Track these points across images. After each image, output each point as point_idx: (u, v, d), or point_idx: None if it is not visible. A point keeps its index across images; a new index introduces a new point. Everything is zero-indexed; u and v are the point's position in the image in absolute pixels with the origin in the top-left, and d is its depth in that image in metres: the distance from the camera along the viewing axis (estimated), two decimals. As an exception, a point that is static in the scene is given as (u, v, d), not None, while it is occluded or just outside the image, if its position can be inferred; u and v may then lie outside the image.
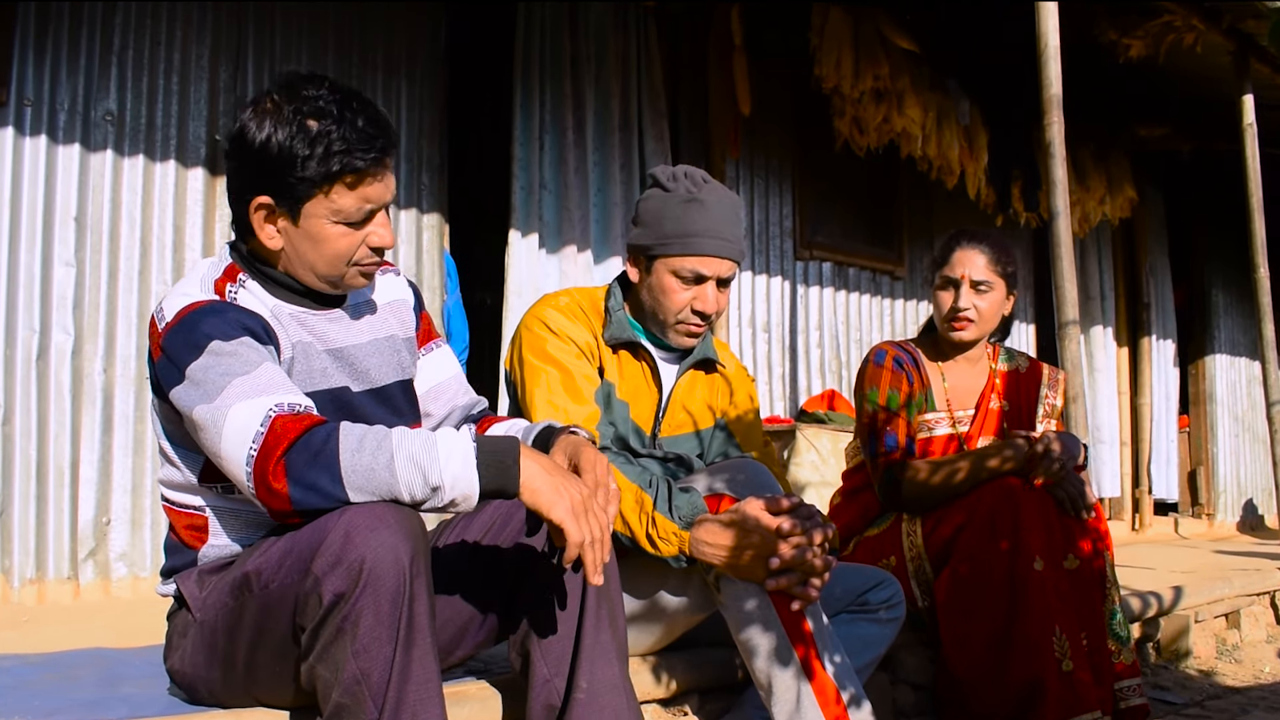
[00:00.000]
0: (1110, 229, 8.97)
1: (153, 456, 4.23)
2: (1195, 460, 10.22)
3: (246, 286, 1.92)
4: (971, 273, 3.04)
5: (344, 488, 1.65)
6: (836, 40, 5.84)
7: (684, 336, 2.53)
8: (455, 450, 1.68)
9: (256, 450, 1.68)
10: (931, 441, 3.10)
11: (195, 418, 1.75)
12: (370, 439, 1.68)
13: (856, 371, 3.21)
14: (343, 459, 1.65)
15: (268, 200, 1.86)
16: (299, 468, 1.65)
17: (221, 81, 4.49)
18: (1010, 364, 3.22)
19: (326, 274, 1.93)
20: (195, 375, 1.76)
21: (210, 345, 1.77)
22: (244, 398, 1.72)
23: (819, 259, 6.85)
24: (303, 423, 1.69)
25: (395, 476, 1.65)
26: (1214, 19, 6.10)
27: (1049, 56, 4.69)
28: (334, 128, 1.83)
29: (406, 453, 1.66)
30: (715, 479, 2.38)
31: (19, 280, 4.01)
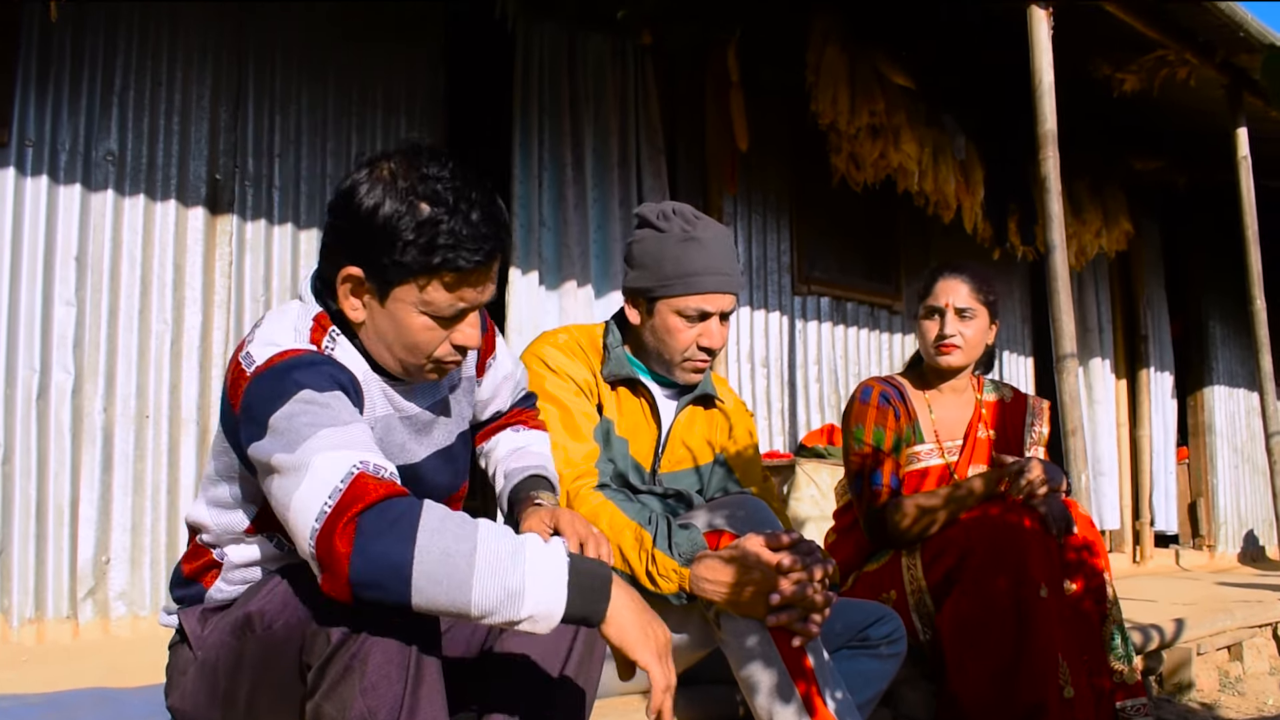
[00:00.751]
0: (1107, 261, 9.01)
1: (152, 495, 4.23)
2: (1195, 492, 10.21)
3: (338, 343, 1.81)
4: (955, 300, 3.11)
5: (412, 569, 1.50)
6: (833, 77, 5.88)
7: (691, 373, 2.54)
8: (547, 565, 1.55)
9: (331, 505, 1.53)
10: (922, 473, 3.13)
11: (272, 463, 1.61)
12: (453, 523, 1.54)
13: (843, 409, 3.24)
14: (420, 536, 1.51)
15: (358, 273, 1.74)
16: (369, 533, 1.51)
17: (222, 121, 4.52)
18: (996, 394, 3.27)
19: (402, 360, 1.81)
20: (279, 424, 1.62)
21: (300, 394, 1.64)
22: (330, 449, 1.58)
23: (817, 294, 6.87)
24: (387, 488, 1.55)
25: (472, 572, 1.51)
26: (1207, 53, 6.15)
27: (1043, 93, 4.73)
28: (445, 218, 1.70)
29: (492, 550, 1.53)
30: (715, 515, 2.39)
31: (19, 319, 4.03)
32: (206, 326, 4.41)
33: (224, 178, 4.50)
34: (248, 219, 4.54)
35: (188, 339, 4.37)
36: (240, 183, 4.55)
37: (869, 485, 3.04)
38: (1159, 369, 9.65)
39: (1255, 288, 6.28)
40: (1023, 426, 3.24)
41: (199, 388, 4.37)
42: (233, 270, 4.49)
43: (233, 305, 4.47)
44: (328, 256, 1.80)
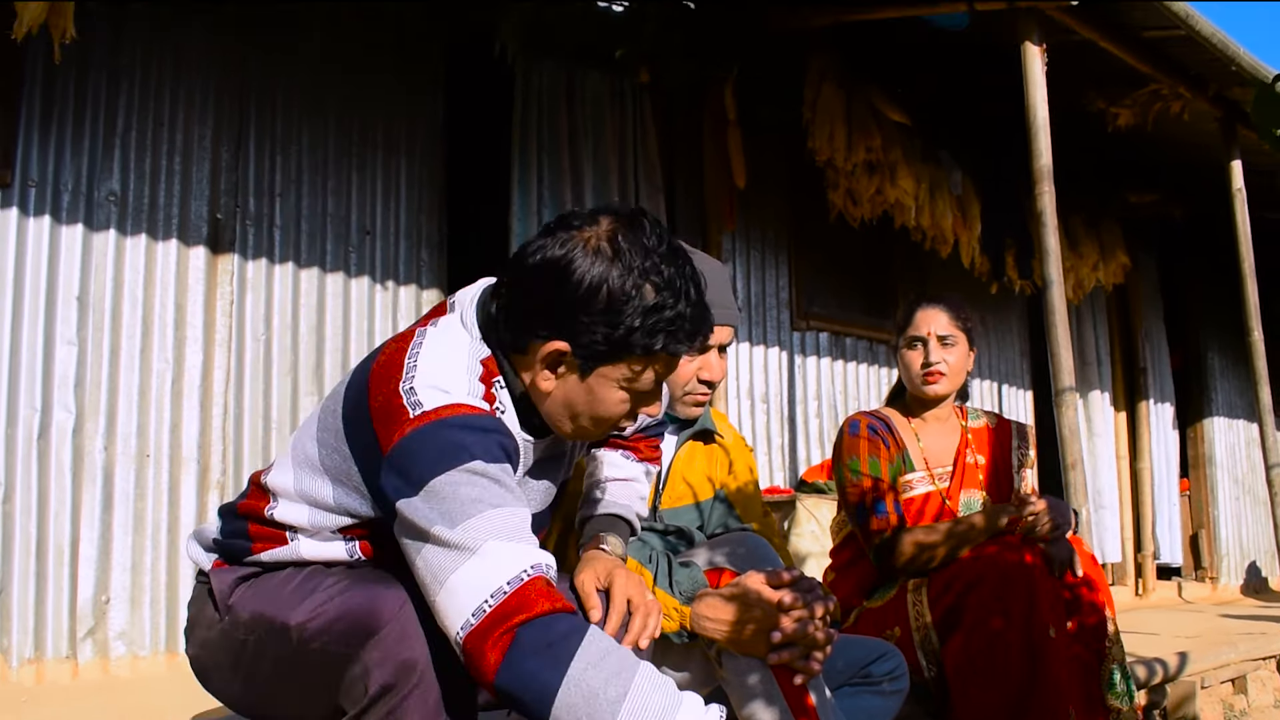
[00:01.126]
0: (1105, 295, 9.03)
1: (152, 534, 4.23)
2: (1197, 523, 10.19)
3: (501, 396, 1.72)
4: (936, 328, 3.17)
5: (556, 697, 1.46)
6: (829, 114, 5.93)
7: (691, 407, 2.55)
8: (696, 712, 1.51)
9: (492, 607, 1.48)
10: (915, 502, 3.15)
11: (429, 531, 1.53)
12: (613, 660, 1.50)
13: (833, 445, 3.27)
14: (574, 666, 1.47)
15: (563, 348, 1.65)
16: (526, 649, 1.46)
17: (223, 161, 4.55)
18: (978, 421, 3.33)
19: (582, 428, 1.75)
20: (441, 490, 1.53)
21: (470, 464, 1.54)
22: (500, 538, 1.51)
23: (816, 329, 6.89)
24: (553, 601, 1.51)
25: (617, 710, 1.46)
26: (1200, 87, 6.20)
27: (1038, 128, 4.78)
28: (672, 305, 1.65)
29: (640, 704, 1.48)
30: (716, 553, 2.39)
31: (21, 359, 4.04)
32: (207, 366, 4.42)
33: (225, 217, 4.53)
34: (249, 258, 4.57)
35: (189, 378, 4.38)
36: (241, 222, 4.57)
37: (874, 516, 3.05)
38: (1159, 401, 9.66)
39: (1252, 319, 6.31)
40: (1010, 451, 3.28)
41: (200, 427, 4.38)
42: (234, 309, 4.51)
43: (234, 344, 4.48)
44: (525, 325, 1.69)
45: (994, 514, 3.00)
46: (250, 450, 4.45)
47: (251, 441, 4.46)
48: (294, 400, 4.59)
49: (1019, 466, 3.27)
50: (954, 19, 5.32)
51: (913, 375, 3.20)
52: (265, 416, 4.52)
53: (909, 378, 3.22)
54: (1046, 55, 4.90)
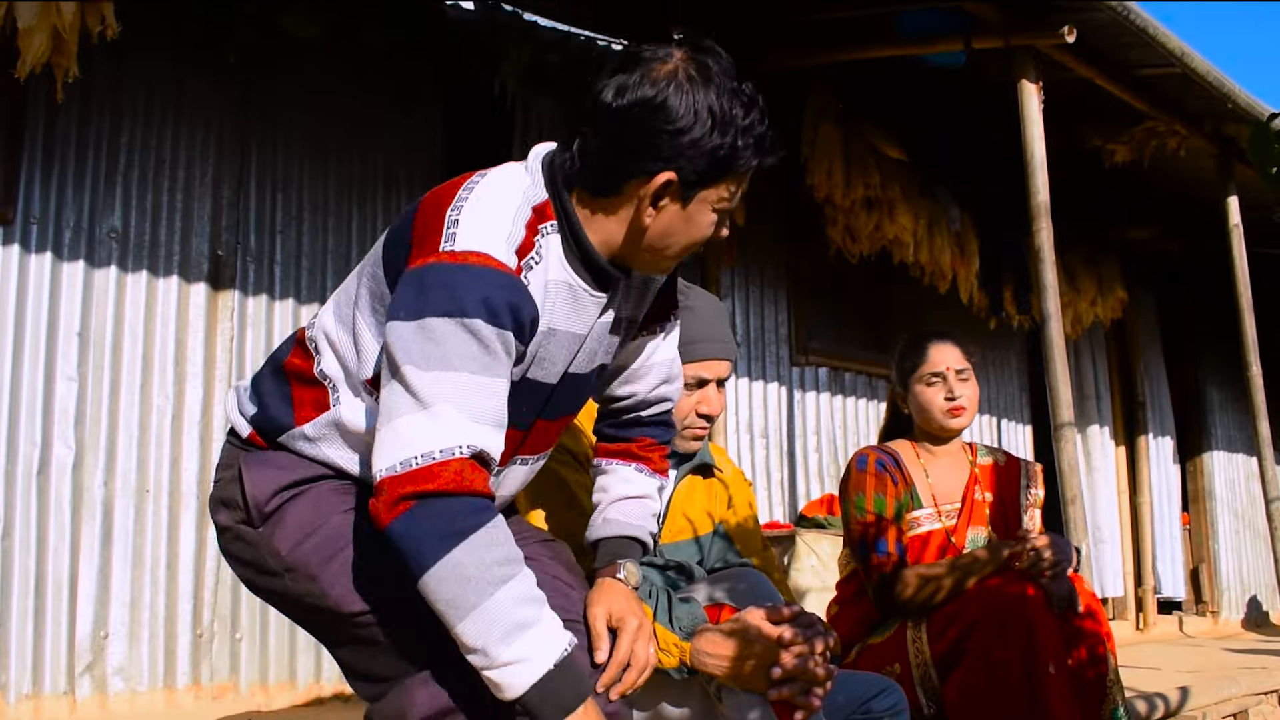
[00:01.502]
0: (1103, 329, 9.05)
1: (151, 570, 4.22)
2: (1197, 558, 10.18)
3: (545, 244, 1.72)
4: (953, 363, 3.15)
5: (430, 570, 1.54)
6: (828, 151, 5.97)
7: (690, 440, 2.56)
8: (531, 656, 1.57)
9: (418, 465, 1.56)
10: (922, 538, 3.13)
11: (400, 364, 1.58)
12: (494, 559, 1.56)
13: (840, 479, 3.26)
14: (458, 551, 1.54)
15: (671, 178, 1.68)
16: (427, 516, 1.54)
17: (225, 198, 4.57)
18: (987, 459, 3.29)
19: (664, 258, 1.78)
20: (433, 329, 1.58)
21: (472, 321, 1.58)
22: (456, 405, 1.58)
23: (815, 364, 6.90)
24: (476, 485, 1.57)
25: (472, 611, 1.54)
26: (1196, 124, 6.25)
27: (1035, 165, 4.81)
28: (759, 121, 1.73)
29: (500, 609, 1.55)
30: (716, 588, 2.39)
31: (21, 395, 4.05)
32: (207, 401, 4.43)
33: (226, 254, 4.55)
34: (249, 294, 4.58)
35: (189, 414, 4.39)
36: (242, 258, 4.59)
37: (874, 553, 3.04)
38: (1159, 435, 9.66)
39: (1250, 354, 6.32)
40: (1018, 490, 3.26)
41: (199, 462, 4.38)
42: (234, 345, 4.52)
43: (233, 379, 4.49)
44: (613, 165, 1.71)
45: (996, 548, 2.99)
46: (250, 486, 4.44)
47: (251, 477, 4.46)
48: (294, 436, 4.59)
49: (1027, 506, 3.25)
50: (951, 58, 5.37)
51: (935, 412, 3.16)
52: (265, 452, 4.52)
53: (929, 414, 3.18)
54: (1043, 93, 4.94)
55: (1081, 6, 4.77)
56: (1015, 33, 4.93)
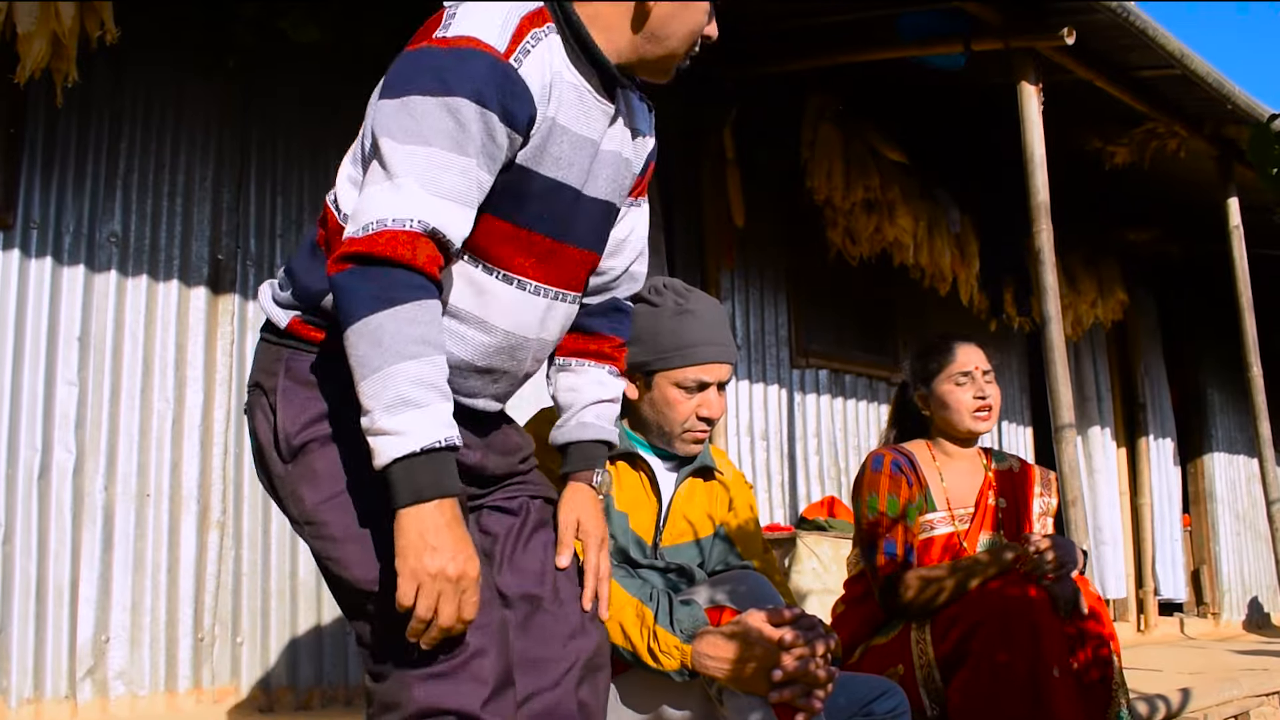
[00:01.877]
0: (1103, 331, 9.05)
1: (152, 574, 4.22)
2: (1198, 559, 10.18)
3: (544, 42, 1.75)
4: (981, 364, 3.13)
5: (355, 324, 1.59)
6: (827, 153, 5.98)
7: (691, 444, 2.56)
8: (412, 429, 1.58)
9: (372, 231, 1.61)
10: (933, 541, 3.13)
11: (380, 140, 1.66)
12: (412, 331, 1.60)
13: (854, 478, 3.25)
14: (385, 313, 1.59)
15: None
16: (367, 278, 1.60)
17: (225, 203, 4.57)
18: (1002, 464, 3.28)
19: (673, 51, 1.84)
20: (415, 107, 1.65)
21: (452, 100, 1.64)
22: (420, 178, 1.63)
23: (815, 366, 6.90)
24: (414, 258, 1.61)
25: (372, 374, 1.58)
26: (1196, 126, 6.25)
27: (1035, 167, 4.81)
28: None
29: (395, 380, 1.58)
30: (717, 591, 2.39)
31: (22, 399, 4.04)
32: (208, 405, 4.43)
33: (226, 258, 4.55)
34: (249, 298, 4.58)
35: (189, 418, 4.39)
36: (242, 262, 4.59)
37: (881, 553, 3.04)
38: (1159, 436, 9.66)
39: (1251, 355, 6.33)
40: (1031, 496, 3.25)
41: (200, 466, 4.38)
42: (234, 349, 4.52)
43: (234, 384, 4.49)
44: None
45: (998, 551, 3.00)
46: (250, 490, 4.45)
47: (252, 481, 4.46)
48: (294, 440, 4.59)
49: (1041, 513, 3.24)
50: (950, 59, 5.37)
51: (963, 412, 3.14)
52: (265, 456, 4.52)
53: (956, 414, 3.15)
54: (1043, 95, 4.94)
55: (1081, 8, 4.77)
56: (1015, 35, 4.94)
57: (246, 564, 4.42)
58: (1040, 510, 3.24)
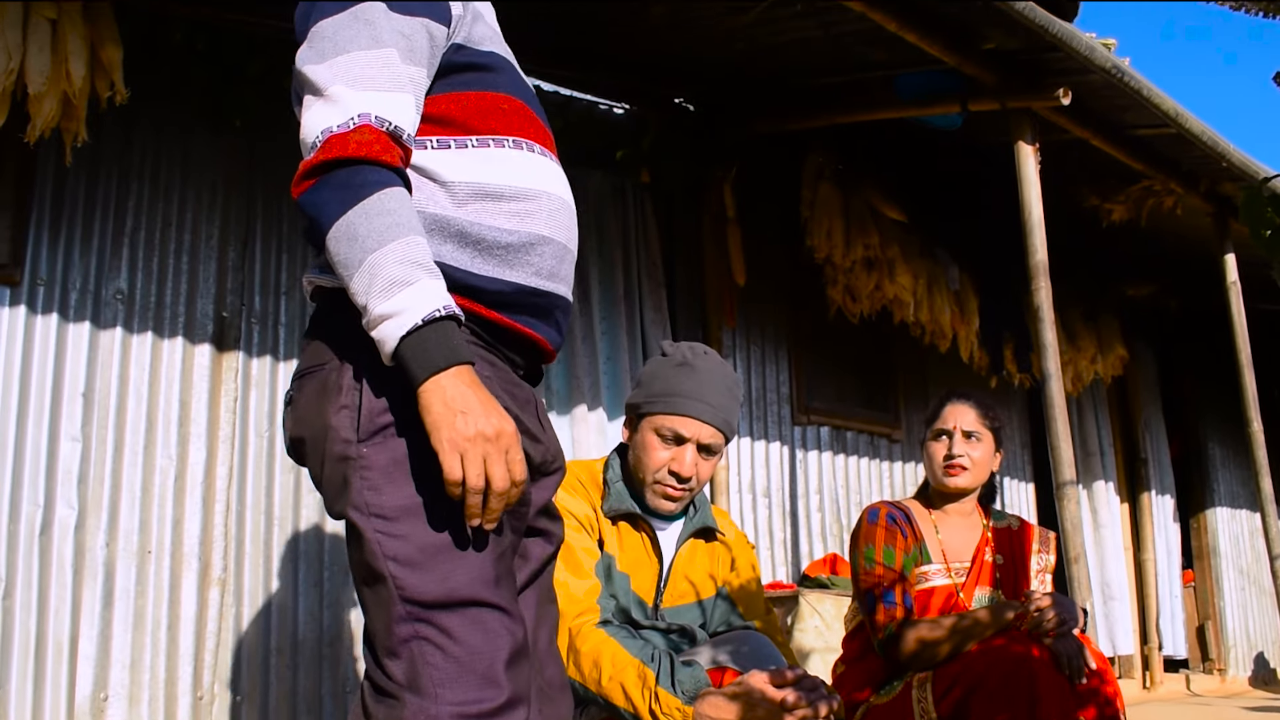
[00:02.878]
0: (1104, 385, 9.06)
1: (151, 631, 4.21)
2: (1203, 615, 10.12)
3: None
4: (962, 423, 3.21)
5: (331, 227, 1.59)
6: (827, 212, 6.02)
7: (660, 499, 2.56)
8: (408, 305, 1.56)
9: (320, 142, 1.62)
10: (930, 594, 3.15)
11: (303, 71, 1.68)
12: (385, 221, 1.58)
13: (851, 532, 3.29)
14: (353, 209, 1.58)
15: None
16: (330, 184, 1.60)
17: (230, 261, 4.61)
18: (1001, 522, 3.34)
19: None
20: (322, 30, 1.69)
21: (358, 8, 1.69)
22: (347, 81, 1.64)
23: (817, 424, 6.90)
24: (371, 151, 1.61)
25: (362, 262, 1.57)
26: (1191, 183, 6.30)
27: (1033, 225, 4.85)
28: None
29: (383, 262, 1.57)
30: (719, 651, 2.40)
31: (25, 455, 4.05)
32: (210, 462, 4.44)
33: (231, 315, 4.58)
34: (254, 355, 4.61)
35: (191, 474, 4.39)
36: (247, 320, 4.62)
37: (882, 605, 3.06)
38: (1160, 492, 9.64)
39: (1251, 410, 6.33)
40: (1029, 554, 3.27)
41: (201, 523, 4.38)
42: (238, 406, 4.54)
43: (237, 441, 4.50)
44: None
45: (999, 609, 3.00)
46: (252, 547, 4.45)
47: (254, 538, 4.46)
48: (296, 497, 4.60)
49: (1038, 571, 3.27)
50: (948, 119, 5.43)
51: (935, 467, 3.25)
52: (267, 513, 4.53)
53: (931, 469, 3.27)
54: (1040, 153, 4.99)
55: (1076, 69, 4.83)
56: (1011, 95, 4.99)
57: (247, 622, 4.41)
58: (1038, 568, 3.26)
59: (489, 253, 1.75)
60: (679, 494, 2.56)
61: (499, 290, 1.76)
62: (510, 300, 1.77)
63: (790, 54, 5.12)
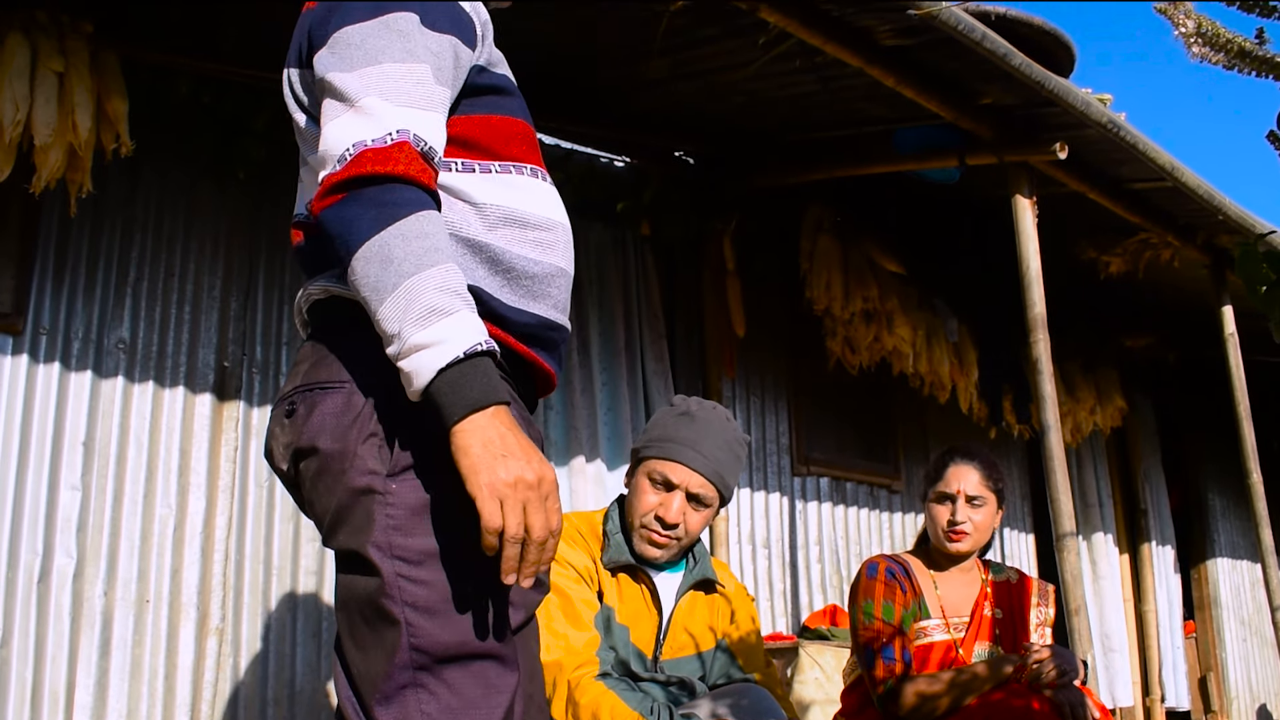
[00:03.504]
0: (1103, 436, 9.07)
1: (149, 681, 4.19)
2: (1205, 666, 10.06)
3: None
4: (966, 488, 3.19)
5: (361, 246, 1.50)
6: (826, 264, 6.06)
7: (646, 544, 2.56)
8: (448, 335, 1.47)
9: (351, 156, 1.53)
10: (930, 648, 3.14)
11: (327, 78, 1.59)
12: (422, 245, 1.49)
13: (850, 585, 3.29)
14: (389, 229, 1.50)
15: None
16: (353, 204, 1.52)
17: (232, 311, 4.63)
18: (1000, 576, 3.33)
19: None
20: (348, 38, 1.60)
21: (389, 18, 1.61)
22: (381, 93, 1.56)
23: (816, 474, 6.90)
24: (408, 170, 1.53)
25: (392, 292, 1.48)
26: (1188, 236, 6.34)
27: (1031, 278, 4.87)
28: None
29: (420, 289, 1.48)
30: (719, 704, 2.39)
31: (25, 503, 4.05)
32: (210, 512, 4.43)
33: (232, 365, 4.59)
34: (254, 405, 4.62)
35: (190, 524, 4.39)
36: (248, 370, 4.64)
37: (880, 659, 3.05)
38: (1160, 543, 9.62)
39: (1250, 461, 6.32)
40: (1028, 608, 3.27)
41: (200, 572, 4.37)
42: (238, 456, 4.54)
43: (237, 490, 4.50)
44: None
45: (998, 663, 3.00)
46: (250, 597, 4.44)
47: (252, 588, 4.45)
48: (295, 546, 4.60)
49: (1038, 624, 3.27)
50: (946, 173, 5.47)
51: (938, 530, 3.24)
52: (266, 562, 4.52)
53: (934, 530, 3.26)
54: (1037, 206, 5.02)
55: (1072, 124, 4.88)
56: (1008, 149, 5.03)
57: (245, 672, 4.39)
58: (1038, 621, 3.26)
59: (517, 281, 1.70)
60: (663, 541, 2.57)
61: (525, 322, 1.70)
62: (532, 332, 1.72)
63: (790, 108, 5.17)
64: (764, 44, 4.29)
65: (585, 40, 4.56)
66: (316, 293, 1.72)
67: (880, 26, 4.22)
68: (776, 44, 4.29)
